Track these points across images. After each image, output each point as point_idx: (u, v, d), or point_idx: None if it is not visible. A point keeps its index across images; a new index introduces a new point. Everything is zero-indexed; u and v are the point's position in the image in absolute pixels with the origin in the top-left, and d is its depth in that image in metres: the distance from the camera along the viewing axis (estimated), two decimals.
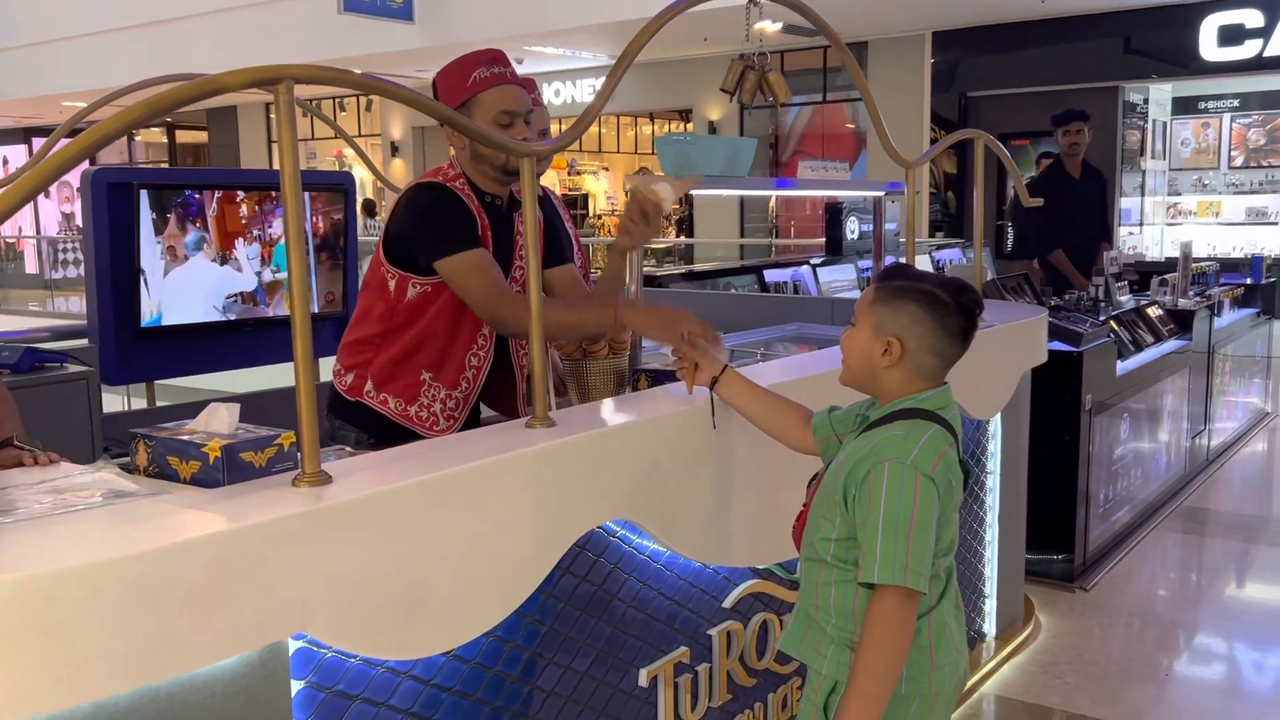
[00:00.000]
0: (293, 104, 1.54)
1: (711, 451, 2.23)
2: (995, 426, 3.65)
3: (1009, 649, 3.75)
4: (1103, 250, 5.95)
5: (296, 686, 1.62)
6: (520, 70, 2.47)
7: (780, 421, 2.12)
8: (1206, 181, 12.20)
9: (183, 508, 1.54)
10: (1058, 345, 4.32)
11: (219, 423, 1.73)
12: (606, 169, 18.92)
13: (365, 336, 2.49)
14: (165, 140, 21.38)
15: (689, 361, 2.17)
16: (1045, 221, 6.04)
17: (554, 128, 3.09)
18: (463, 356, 2.49)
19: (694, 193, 2.93)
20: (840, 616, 1.83)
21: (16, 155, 20.70)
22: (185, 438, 1.70)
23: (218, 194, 3.62)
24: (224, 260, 3.64)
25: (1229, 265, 7.94)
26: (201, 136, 19.67)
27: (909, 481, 1.72)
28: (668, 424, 2.16)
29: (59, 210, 20.39)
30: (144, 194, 3.45)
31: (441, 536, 1.70)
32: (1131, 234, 11.58)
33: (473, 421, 2.61)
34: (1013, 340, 3.55)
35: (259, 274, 3.72)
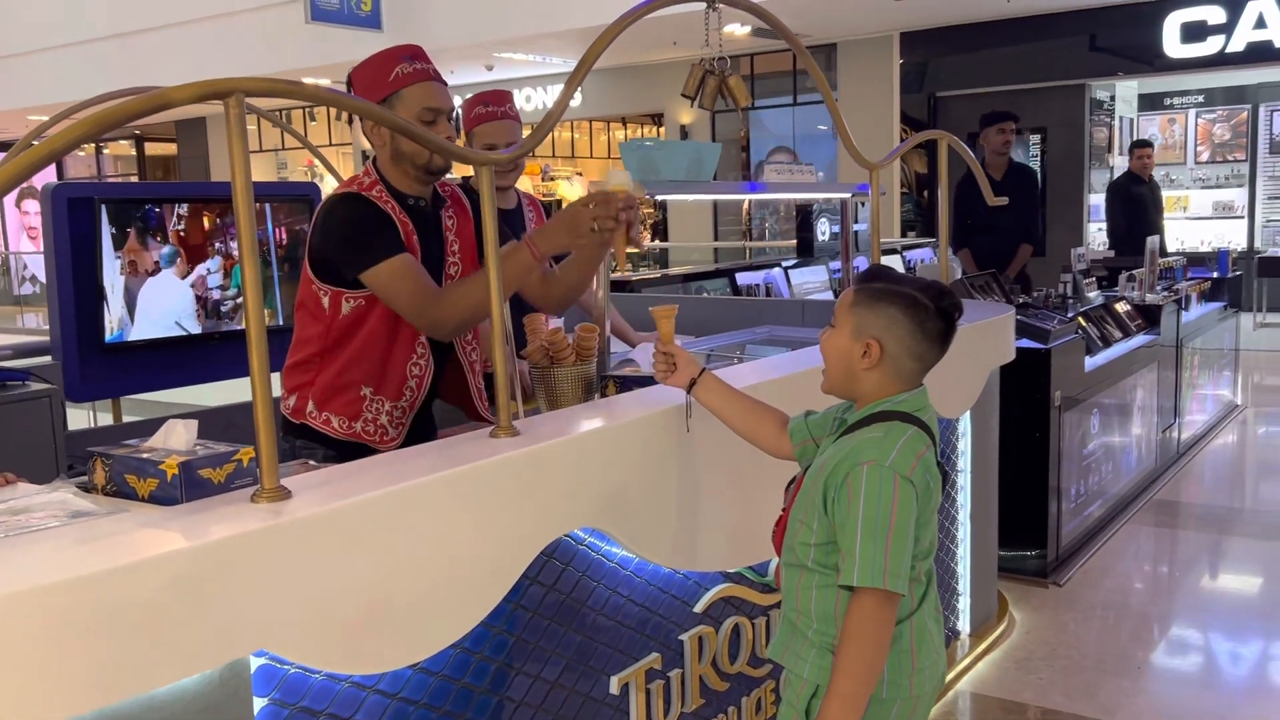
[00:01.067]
0: (243, 117, 1.53)
1: (678, 456, 2.23)
2: (965, 425, 3.66)
3: (983, 646, 3.77)
4: (1023, 251, 6.04)
5: (259, 704, 1.61)
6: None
7: (756, 426, 2.12)
8: (1174, 177, 12.32)
9: (140, 526, 1.52)
10: (1026, 342, 4.35)
11: (177, 439, 1.72)
12: (580, 174, 18.91)
13: (304, 358, 2.45)
14: (134, 153, 21.21)
15: (667, 362, 2.16)
16: (954, 221, 6.14)
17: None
18: (403, 367, 2.45)
19: (666, 197, 2.94)
20: (821, 621, 1.83)
21: None
22: (143, 455, 1.68)
23: (180, 208, 3.60)
24: (187, 274, 3.61)
25: (1196, 259, 8.03)
26: (171, 149, 19.52)
27: (888, 483, 1.72)
28: (633, 430, 2.15)
29: (24, 224, 20.17)
30: (104, 208, 3.41)
31: (404, 549, 1.69)
32: (1100, 229, 11.67)
33: (425, 421, 2.58)
34: (980, 338, 3.57)
35: (220, 287, 3.70)
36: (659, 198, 2.90)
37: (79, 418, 4.35)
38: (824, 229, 6.85)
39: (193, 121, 17.39)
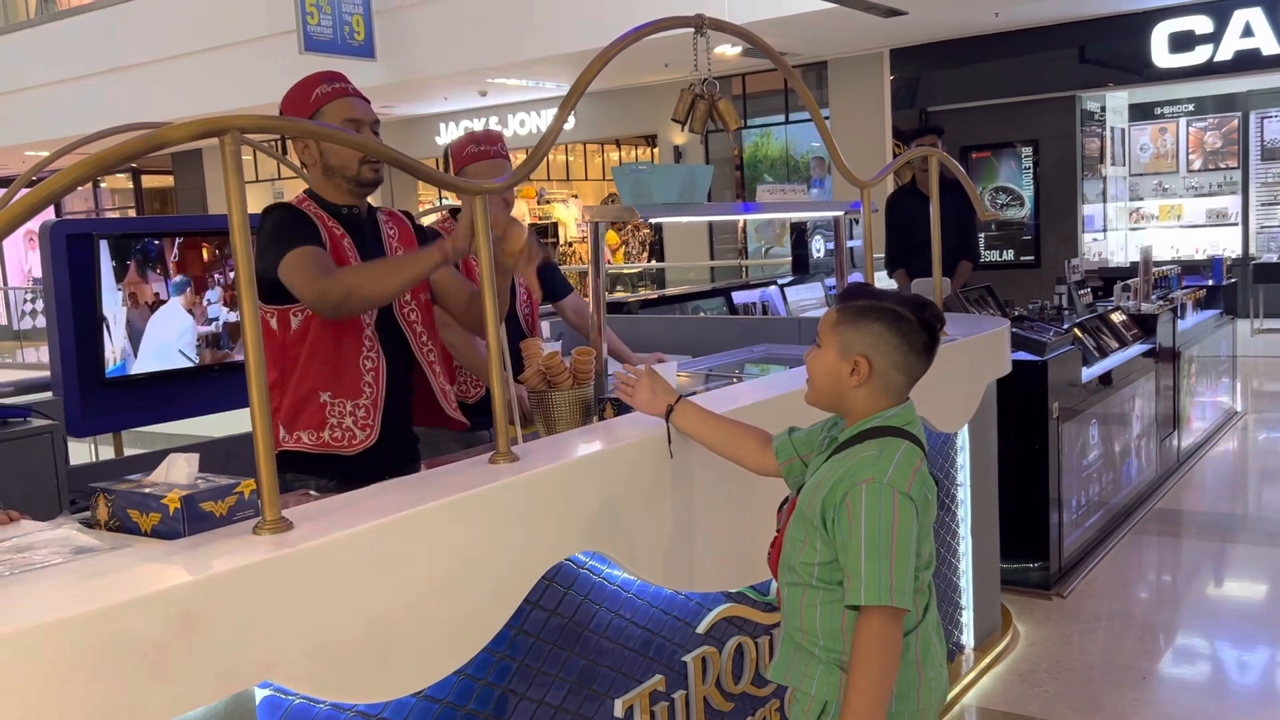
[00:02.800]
0: (239, 154, 1.55)
1: (676, 478, 2.24)
2: (963, 438, 3.68)
3: (988, 659, 3.77)
4: (963, 268, 5.71)
5: None
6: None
7: (736, 445, 2.14)
8: (1167, 185, 12.37)
9: (144, 561, 1.54)
10: (1022, 355, 4.37)
11: (178, 473, 1.73)
12: (576, 196, 18.98)
13: (273, 385, 2.45)
14: (131, 186, 21.29)
15: (629, 385, 2.24)
16: (888, 241, 5.93)
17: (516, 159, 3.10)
18: (355, 362, 2.45)
19: (660, 219, 2.96)
20: (828, 637, 1.83)
21: None
22: (145, 490, 1.70)
23: (178, 240, 3.62)
24: (196, 304, 3.64)
25: (1191, 268, 8.05)
26: (168, 181, 19.59)
27: (887, 500, 1.74)
28: (631, 453, 2.17)
29: (24, 260, 20.23)
30: (103, 243, 3.44)
31: (406, 577, 1.70)
32: (1095, 240, 11.72)
33: (399, 423, 2.58)
34: (976, 352, 3.58)
35: (218, 318, 3.72)
36: (653, 220, 2.92)
37: (80, 452, 4.36)
38: (818, 246, 6.88)
39: (189, 154, 17.47)
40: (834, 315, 1.88)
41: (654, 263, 15.36)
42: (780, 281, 6.48)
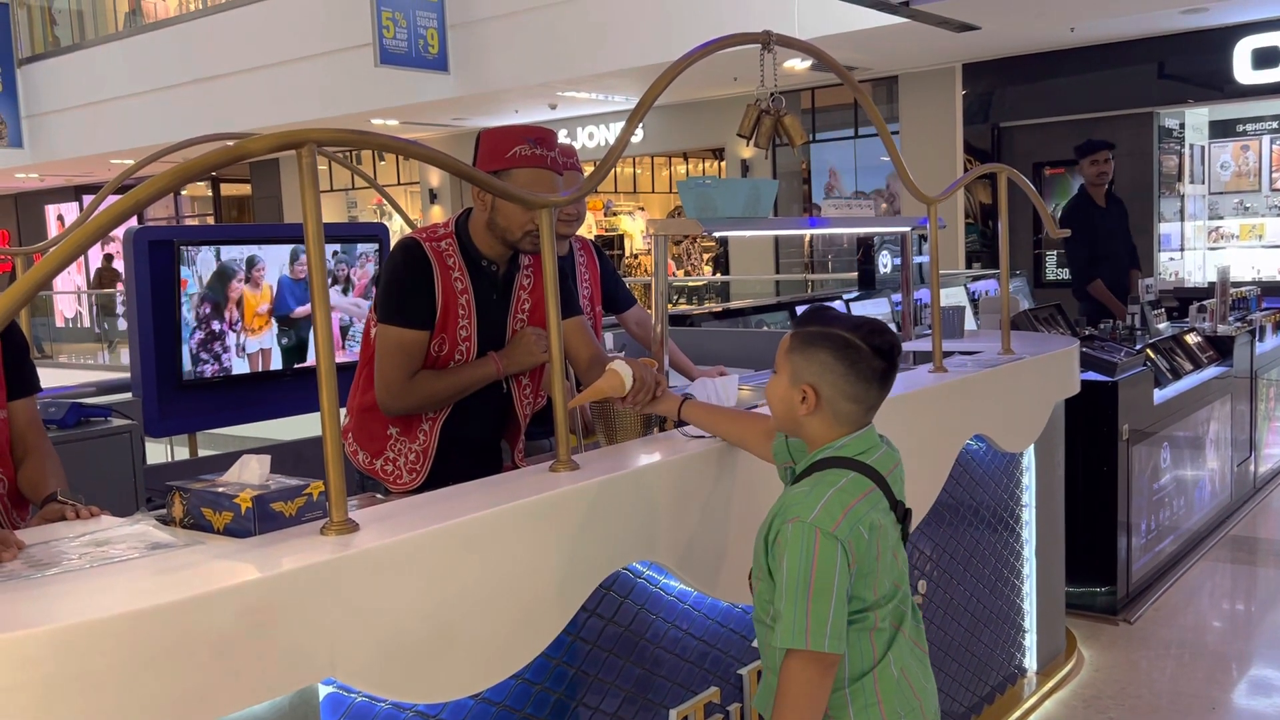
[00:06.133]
0: (315, 166, 1.60)
1: (734, 491, 2.25)
2: (1029, 459, 3.63)
3: (1051, 684, 3.70)
4: (1134, 277, 5.97)
5: None
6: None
7: (742, 432, 2.18)
8: (1248, 204, 12.04)
9: (215, 558, 1.59)
10: (1092, 375, 4.30)
11: (250, 474, 1.78)
12: (642, 209, 19.05)
13: (355, 382, 2.59)
14: (210, 194, 21.86)
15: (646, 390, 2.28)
16: (1077, 254, 6.19)
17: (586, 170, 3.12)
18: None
19: (724, 233, 2.97)
20: None
21: (70, 212, 21.27)
22: (218, 490, 1.75)
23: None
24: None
25: (1271, 288, 7.82)
26: (245, 189, 20.09)
27: (809, 541, 1.69)
28: (689, 464, 2.18)
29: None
30: (183, 251, 3.55)
31: (467, 580, 1.73)
32: (1172, 259, 11.45)
33: (446, 471, 2.58)
34: (1043, 372, 3.54)
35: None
36: (717, 234, 2.94)
37: (157, 452, 4.49)
38: (885, 261, 6.82)
39: (266, 163, 17.88)
40: (786, 342, 1.85)
41: (719, 276, 15.34)
42: (846, 296, 6.43)
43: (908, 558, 1.89)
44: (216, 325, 3.64)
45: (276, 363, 3.82)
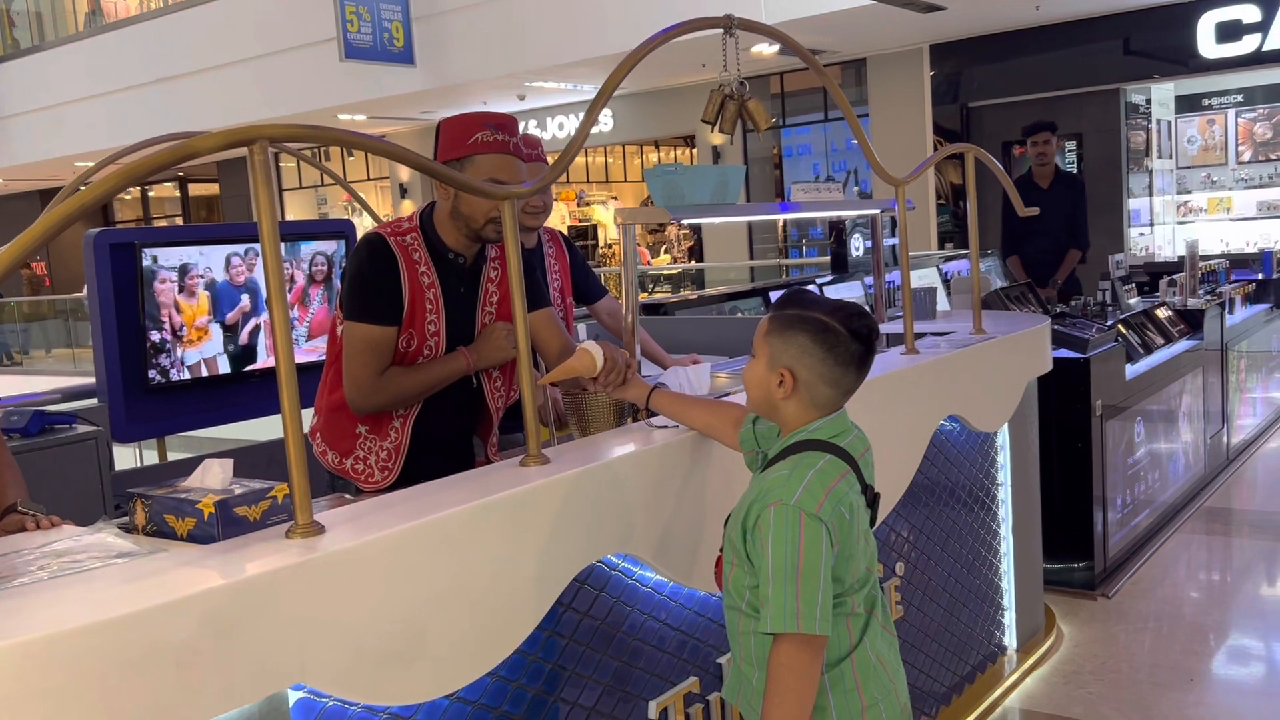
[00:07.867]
0: (268, 163, 1.57)
1: (707, 481, 2.24)
2: (1004, 438, 3.63)
3: (1031, 660, 3.72)
4: (1071, 257, 6.18)
5: None
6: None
7: (711, 421, 2.17)
8: (1215, 178, 12.13)
9: (179, 565, 1.56)
10: (1064, 352, 4.31)
11: (213, 478, 1.75)
12: (615, 198, 19.02)
13: (323, 380, 2.55)
14: (178, 194, 21.65)
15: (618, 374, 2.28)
16: (1004, 229, 6.52)
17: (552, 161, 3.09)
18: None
19: (693, 221, 2.95)
20: (762, 669, 1.76)
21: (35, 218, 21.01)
22: (181, 495, 1.72)
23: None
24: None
25: (1240, 261, 7.88)
26: (214, 189, 19.91)
27: (794, 524, 1.68)
28: (663, 455, 2.17)
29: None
30: (145, 253, 3.49)
31: (437, 580, 1.71)
32: (1142, 234, 11.53)
33: (438, 471, 2.58)
34: (1015, 350, 3.54)
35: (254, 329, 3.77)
36: (685, 222, 2.92)
37: (125, 457, 4.43)
38: (858, 244, 6.83)
39: (234, 161, 17.72)
40: (764, 325, 1.83)
41: (692, 263, 15.34)
42: (819, 281, 6.43)
43: (884, 540, 1.89)
44: (156, 335, 3.55)
45: (224, 368, 3.75)
